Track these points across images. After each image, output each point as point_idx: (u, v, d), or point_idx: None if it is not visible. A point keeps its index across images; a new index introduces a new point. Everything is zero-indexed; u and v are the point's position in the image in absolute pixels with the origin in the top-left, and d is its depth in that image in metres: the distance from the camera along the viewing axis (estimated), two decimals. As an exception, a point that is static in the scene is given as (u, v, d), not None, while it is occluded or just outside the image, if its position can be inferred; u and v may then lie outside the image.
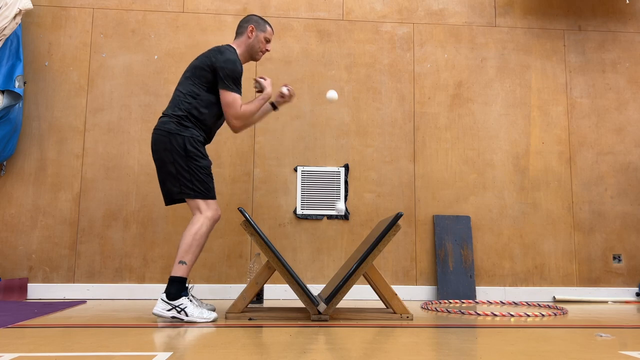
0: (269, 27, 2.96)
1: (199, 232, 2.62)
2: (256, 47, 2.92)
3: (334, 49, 4.21)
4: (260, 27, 2.92)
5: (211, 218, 2.68)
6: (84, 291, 3.78)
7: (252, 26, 2.89)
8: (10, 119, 3.70)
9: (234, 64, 2.74)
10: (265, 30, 2.93)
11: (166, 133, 2.69)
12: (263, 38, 2.92)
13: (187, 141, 2.67)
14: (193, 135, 2.70)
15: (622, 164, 4.29)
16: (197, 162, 2.68)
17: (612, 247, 4.19)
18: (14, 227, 3.83)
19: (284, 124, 4.10)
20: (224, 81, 2.72)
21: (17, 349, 1.80)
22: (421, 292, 4.00)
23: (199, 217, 2.66)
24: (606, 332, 2.32)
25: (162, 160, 2.70)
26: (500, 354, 1.79)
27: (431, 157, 4.17)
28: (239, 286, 3.84)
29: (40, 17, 4.03)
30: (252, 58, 2.97)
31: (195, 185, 2.66)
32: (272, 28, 3.00)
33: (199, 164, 2.68)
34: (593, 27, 4.44)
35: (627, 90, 4.38)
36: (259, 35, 2.91)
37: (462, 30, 4.33)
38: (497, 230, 4.14)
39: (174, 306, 2.53)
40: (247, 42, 2.91)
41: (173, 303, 2.53)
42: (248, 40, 2.90)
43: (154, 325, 2.45)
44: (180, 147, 2.66)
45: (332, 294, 2.61)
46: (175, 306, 2.53)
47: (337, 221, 4.04)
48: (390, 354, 1.78)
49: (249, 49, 2.92)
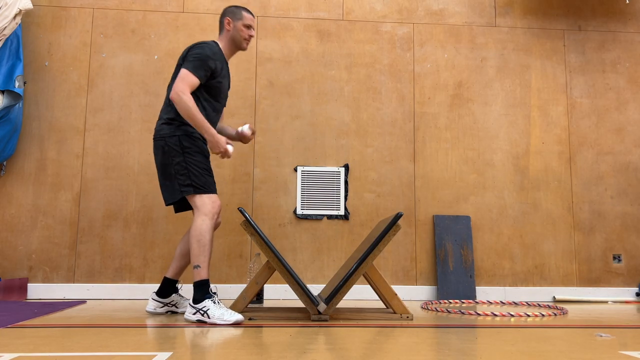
0: (245, 13, 2.92)
1: (201, 232, 2.62)
2: (237, 37, 2.90)
3: (334, 49, 4.21)
4: (236, 16, 2.90)
5: (208, 213, 2.66)
6: (84, 291, 3.78)
7: (227, 19, 2.90)
8: (10, 119, 3.70)
9: (201, 48, 2.74)
10: (242, 17, 2.90)
11: (161, 138, 2.73)
12: (242, 26, 2.89)
13: (182, 139, 2.70)
14: (187, 131, 2.72)
15: (622, 164, 4.29)
16: (193, 157, 2.70)
17: (612, 247, 4.19)
18: (14, 227, 3.83)
19: (284, 124, 4.10)
20: (185, 62, 2.72)
21: (17, 349, 1.80)
22: (421, 292, 4.00)
23: (196, 217, 2.67)
24: (606, 332, 2.32)
25: (162, 164, 2.73)
26: (500, 354, 1.79)
27: (431, 157, 4.17)
28: (239, 286, 3.84)
29: (40, 17, 4.03)
30: (239, 48, 2.94)
31: (192, 180, 2.67)
32: (251, 13, 2.94)
33: (195, 159, 2.70)
34: (593, 27, 4.44)
35: (627, 90, 4.38)
36: (236, 25, 2.89)
37: (462, 30, 4.33)
38: (497, 230, 4.14)
39: (198, 309, 2.55)
40: (228, 35, 2.91)
41: (197, 307, 2.55)
42: (228, 34, 2.90)
43: (154, 325, 2.45)
44: (176, 146, 2.69)
45: (332, 294, 2.61)
46: (199, 309, 2.54)
47: (337, 221, 4.04)
48: (390, 354, 1.78)
49: (232, 41, 2.91)
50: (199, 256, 2.61)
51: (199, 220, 2.65)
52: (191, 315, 2.57)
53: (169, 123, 2.73)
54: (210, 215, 2.66)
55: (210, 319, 2.50)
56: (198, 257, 2.60)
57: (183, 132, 2.71)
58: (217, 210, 2.69)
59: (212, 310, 2.51)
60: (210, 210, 2.66)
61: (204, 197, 2.68)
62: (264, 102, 4.10)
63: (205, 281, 2.60)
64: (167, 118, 2.75)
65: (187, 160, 2.68)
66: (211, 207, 2.67)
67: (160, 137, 2.73)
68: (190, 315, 2.58)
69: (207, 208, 2.66)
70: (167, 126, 2.73)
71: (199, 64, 2.69)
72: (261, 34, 4.17)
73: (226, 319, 2.48)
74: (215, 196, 2.72)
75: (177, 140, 2.69)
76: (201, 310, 2.53)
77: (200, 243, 2.61)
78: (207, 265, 2.61)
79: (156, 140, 2.75)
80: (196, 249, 2.61)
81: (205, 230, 2.63)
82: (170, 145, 2.69)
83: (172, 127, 2.72)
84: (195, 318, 2.55)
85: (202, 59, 2.71)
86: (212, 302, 2.54)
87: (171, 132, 2.71)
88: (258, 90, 4.11)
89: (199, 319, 2.54)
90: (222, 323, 2.47)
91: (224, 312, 2.51)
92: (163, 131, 2.73)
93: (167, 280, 2.92)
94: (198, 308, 2.54)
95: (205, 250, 2.62)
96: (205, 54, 2.73)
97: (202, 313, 2.53)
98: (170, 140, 2.70)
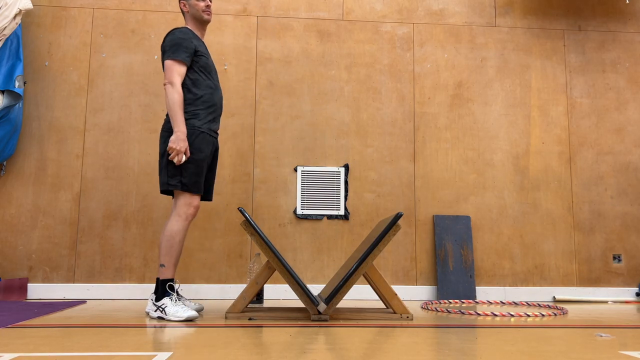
0: None
1: (171, 233, 2.70)
2: (196, 13, 2.93)
3: (334, 49, 4.21)
4: None
5: (183, 215, 2.72)
6: (84, 291, 3.78)
7: (182, 2, 2.94)
8: (10, 119, 3.70)
9: (171, 34, 2.80)
10: None
11: (167, 130, 2.78)
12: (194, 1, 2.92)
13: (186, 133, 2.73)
14: (194, 126, 2.75)
15: (622, 164, 4.29)
16: (191, 155, 2.73)
17: (612, 247, 4.19)
18: (14, 227, 3.83)
19: (284, 124, 4.10)
20: (163, 54, 2.79)
21: (17, 349, 1.80)
22: (421, 292, 4.00)
23: (171, 215, 2.74)
24: (606, 332, 2.32)
25: (161, 154, 2.78)
26: (500, 354, 1.79)
27: (431, 157, 4.17)
28: (239, 286, 3.84)
29: (40, 17, 4.03)
30: (203, 21, 2.96)
31: (183, 177, 2.71)
32: None
33: (193, 157, 2.73)
34: (593, 27, 4.44)
35: (627, 90, 4.38)
36: (190, 3, 2.93)
37: (462, 30, 4.33)
38: (497, 230, 4.14)
39: (158, 307, 2.66)
40: (188, 15, 2.96)
41: (157, 304, 2.67)
42: (188, 14, 2.95)
43: (154, 325, 2.45)
44: None
45: (332, 294, 2.61)
46: (159, 307, 2.66)
47: (337, 221, 4.04)
48: (390, 354, 1.78)
49: (194, 19, 2.95)
50: (165, 256, 2.70)
51: (173, 220, 2.73)
52: (153, 311, 2.69)
53: None
54: (185, 217, 2.73)
55: (167, 315, 2.61)
56: (164, 257, 2.70)
57: (190, 126, 2.75)
58: (192, 213, 2.76)
59: (169, 307, 2.63)
60: (185, 212, 2.73)
61: (186, 196, 2.73)
62: (264, 102, 4.10)
63: (168, 280, 2.69)
64: None
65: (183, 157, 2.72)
66: (186, 209, 2.73)
67: (166, 129, 2.78)
68: (152, 312, 2.70)
69: (182, 209, 2.73)
70: None
71: (175, 48, 2.75)
72: (261, 34, 4.17)
73: (179, 315, 2.58)
74: (196, 199, 2.77)
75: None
76: (160, 307, 2.65)
77: (169, 243, 2.70)
78: (172, 265, 2.70)
79: (162, 131, 2.81)
80: (164, 248, 2.70)
81: (176, 231, 2.71)
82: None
83: None
84: (156, 315, 2.67)
85: (177, 42, 2.76)
86: (169, 299, 2.65)
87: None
88: (258, 90, 4.11)
89: (159, 316, 2.66)
90: (175, 319, 2.57)
91: (178, 309, 2.60)
92: (169, 125, 2.77)
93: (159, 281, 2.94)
94: (158, 305, 2.66)
95: (173, 251, 2.71)
96: (177, 37, 2.78)
97: (161, 310, 2.64)
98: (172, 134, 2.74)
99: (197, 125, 2.76)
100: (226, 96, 4.06)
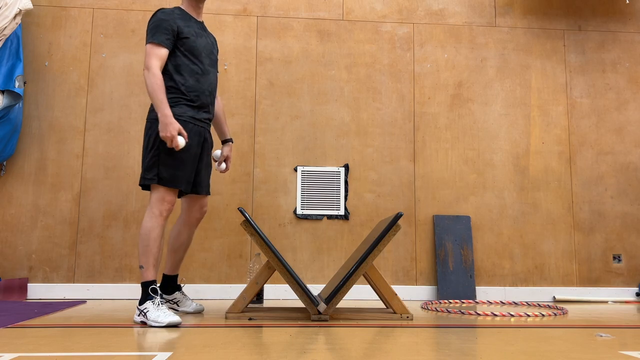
0: None
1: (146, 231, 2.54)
2: None
3: (334, 49, 4.21)
4: None
5: (156, 211, 2.56)
6: (84, 291, 3.78)
7: None
8: (10, 119, 3.70)
9: (153, 16, 2.65)
10: None
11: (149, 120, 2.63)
12: None
13: None
14: (175, 114, 2.58)
15: (622, 164, 4.29)
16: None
17: (612, 247, 4.19)
18: (14, 227, 3.83)
19: (284, 124, 4.10)
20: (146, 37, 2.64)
21: (17, 349, 1.79)
22: (421, 292, 4.00)
23: (146, 214, 2.58)
24: (606, 332, 2.32)
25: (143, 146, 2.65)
26: (500, 354, 1.79)
27: (431, 157, 4.17)
28: (239, 286, 3.84)
29: (40, 17, 4.03)
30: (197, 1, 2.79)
31: (160, 171, 2.55)
32: None
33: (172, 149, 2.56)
34: (593, 27, 4.44)
35: (627, 90, 4.38)
36: None
37: (462, 30, 4.33)
38: (497, 230, 4.14)
39: (140, 311, 2.50)
40: None
41: (140, 308, 2.52)
42: None
43: (153, 325, 2.45)
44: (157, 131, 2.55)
45: (332, 294, 2.61)
46: (141, 311, 2.50)
47: (337, 221, 4.04)
48: (390, 354, 1.78)
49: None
50: (142, 256, 2.54)
51: (146, 217, 2.57)
52: (136, 316, 2.53)
53: None
54: (158, 212, 2.55)
55: (148, 320, 2.44)
56: (141, 257, 2.54)
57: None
58: (167, 209, 2.58)
59: (150, 312, 2.45)
60: (158, 208, 2.56)
61: (160, 191, 2.57)
62: (264, 102, 4.10)
63: (149, 282, 2.53)
64: None
65: (161, 149, 2.56)
66: (159, 205, 2.56)
67: (148, 119, 2.64)
68: (135, 316, 2.53)
69: (156, 205, 2.56)
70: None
71: (154, 31, 2.60)
72: (261, 34, 4.17)
73: (160, 320, 2.39)
74: (172, 194, 2.60)
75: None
76: (143, 311, 2.49)
77: (144, 242, 2.53)
78: (151, 265, 2.54)
79: (146, 121, 2.66)
80: (140, 248, 2.54)
81: (150, 228, 2.54)
82: (152, 129, 2.60)
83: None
84: (139, 319, 2.51)
85: (156, 24, 2.61)
86: (151, 303, 2.48)
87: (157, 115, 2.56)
88: (258, 90, 4.11)
89: (142, 320, 2.49)
90: (156, 325, 2.40)
91: (160, 314, 2.42)
92: (152, 114, 2.62)
93: (165, 277, 2.93)
94: (140, 309, 2.50)
95: (149, 250, 2.53)
96: (158, 18, 2.63)
97: (143, 314, 2.48)
98: (155, 124, 2.57)
99: (177, 113, 2.59)
100: (226, 96, 4.06)
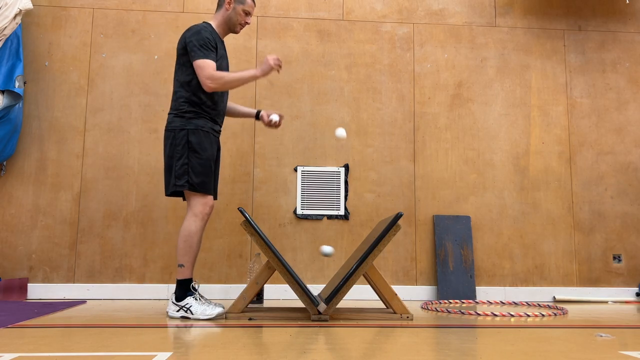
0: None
1: (189, 233, 2.69)
2: (234, 19, 2.87)
3: (334, 49, 4.21)
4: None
5: (199, 214, 2.71)
6: (84, 291, 3.78)
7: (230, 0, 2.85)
8: (10, 119, 3.70)
9: (197, 33, 2.73)
10: (245, 2, 2.86)
11: (171, 130, 2.75)
12: (242, 10, 2.86)
13: (190, 133, 2.71)
14: (197, 126, 2.73)
15: (622, 164, 4.29)
16: (198, 154, 2.71)
17: (612, 247, 4.19)
18: (14, 227, 3.83)
19: (284, 124, 4.09)
20: (191, 53, 2.71)
21: (17, 349, 1.79)
22: (421, 292, 4.00)
23: (187, 216, 2.73)
24: (606, 332, 2.32)
25: (167, 156, 2.76)
26: (500, 354, 1.79)
27: (431, 157, 4.17)
28: (239, 286, 3.84)
29: (40, 17, 4.03)
30: (231, 31, 2.92)
31: (190, 177, 2.69)
32: (254, 1, 2.91)
33: (198, 157, 2.71)
34: (593, 27, 4.44)
35: (627, 90, 4.38)
36: (237, 8, 2.85)
37: (462, 30, 4.33)
38: (497, 230, 4.14)
39: (181, 307, 2.65)
40: (225, 14, 2.86)
41: (180, 304, 2.66)
42: (226, 13, 2.86)
43: (154, 325, 2.45)
44: (183, 141, 2.70)
45: (332, 294, 2.61)
46: (182, 307, 2.64)
47: (337, 221, 4.04)
48: (390, 354, 1.78)
49: (227, 21, 2.88)
50: (184, 256, 2.69)
51: (189, 220, 2.71)
52: (175, 312, 2.67)
53: (181, 116, 2.74)
54: (201, 216, 2.72)
55: (194, 314, 2.61)
56: (183, 257, 2.69)
57: (194, 126, 2.72)
58: (208, 212, 2.74)
59: (195, 306, 2.63)
60: (201, 211, 2.72)
61: (197, 196, 2.72)
62: (264, 102, 4.10)
63: (189, 280, 2.68)
64: (178, 110, 2.76)
65: (190, 157, 2.70)
66: (202, 208, 2.72)
67: (170, 129, 2.76)
68: (173, 312, 2.68)
69: (198, 209, 2.71)
70: (179, 119, 2.74)
71: (204, 48, 2.70)
72: (261, 34, 4.17)
73: (208, 313, 2.60)
74: (209, 198, 2.75)
75: (185, 134, 2.71)
76: (184, 307, 2.64)
77: (187, 243, 2.69)
78: (191, 265, 2.71)
79: (166, 131, 2.78)
80: (182, 248, 2.69)
81: (194, 231, 2.69)
82: (177, 139, 2.71)
83: (183, 120, 2.73)
84: (178, 315, 2.66)
85: (205, 42, 2.71)
86: (193, 299, 2.65)
87: (182, 125, 2.72)
88: (258, 90, 4.11)
89: (182, 316, 2.65)
90: (205, 318, 2.59)
91: (206, 308, 2.62)
92: (174, 123, 2.75)
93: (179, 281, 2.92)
94: (181, 305, 2.65)
95: (191, 250, 2.70)
96: (205, 36, 2.73)
97: (185, 310, 2.63)
98: (179, 134, 2.71)
99: (200, 125, 2.74)
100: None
